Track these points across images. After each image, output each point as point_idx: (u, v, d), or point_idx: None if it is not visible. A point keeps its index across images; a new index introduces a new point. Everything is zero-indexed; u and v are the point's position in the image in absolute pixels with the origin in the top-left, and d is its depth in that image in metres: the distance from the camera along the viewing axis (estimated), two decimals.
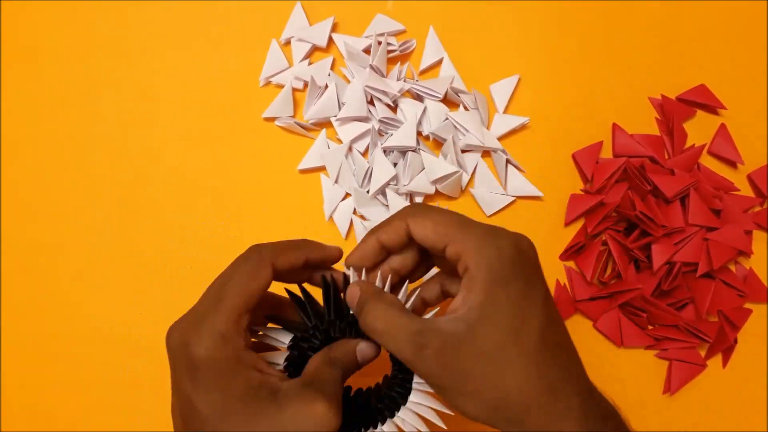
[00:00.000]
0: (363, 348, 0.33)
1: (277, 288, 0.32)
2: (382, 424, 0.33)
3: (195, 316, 0.29)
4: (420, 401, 0.32)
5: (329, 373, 0.30)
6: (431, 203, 0.47)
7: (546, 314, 0.29)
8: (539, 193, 0.47)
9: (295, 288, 0.33)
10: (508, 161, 0.47)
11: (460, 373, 0.28)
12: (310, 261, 0.32)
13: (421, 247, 0.32)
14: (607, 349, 0.46)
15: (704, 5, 0.50)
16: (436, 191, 0.47)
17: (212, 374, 0.28)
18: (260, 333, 0.32)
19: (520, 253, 0.29)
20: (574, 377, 0.29)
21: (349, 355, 0.32)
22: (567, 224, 0.47)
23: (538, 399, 0.28)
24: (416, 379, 0.32)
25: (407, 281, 0.33)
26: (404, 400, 0.32)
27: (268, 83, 0.49)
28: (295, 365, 0.33)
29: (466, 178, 0.47)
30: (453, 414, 0.31)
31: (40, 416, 0.46)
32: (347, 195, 0.47)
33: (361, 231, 0.46)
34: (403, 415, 0.32)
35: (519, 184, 0.47)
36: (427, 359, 0.28)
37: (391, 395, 0.33)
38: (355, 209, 0.47)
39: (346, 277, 0.33)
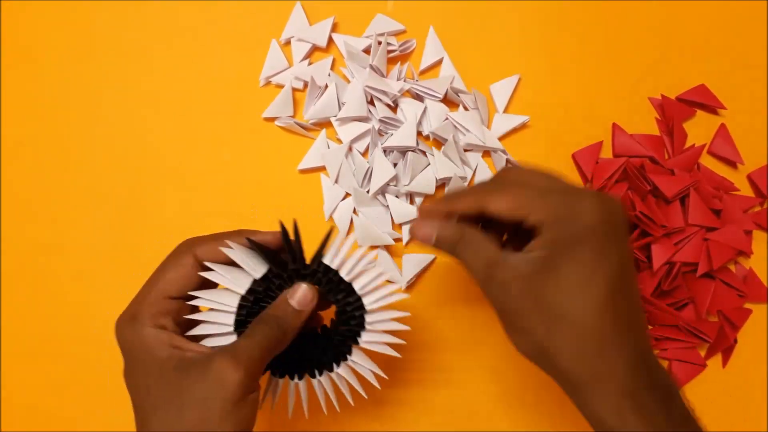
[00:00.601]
0: (297, 293, 0.33)
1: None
2: (337, 365, 0.35)
3: (126, 307, 0.32)
4: (371, 339, 0.34)
5: (250, 331, 0.31)
6: None
7: (617, 281, 0.30)
8: None
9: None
10: (508, 161, 0.47)
11: (518, 311, 0.30)
12: None
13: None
14: None
15: (704, 5, 0.50)
16: (437, 191, 0.47)
17: (129, 355, 0.31)
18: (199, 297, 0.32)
19: (602, 215, 0.30)
20: (630, 345, 0.30)
21: (282, 306, 0.33)
22: None
23: (581, 358, 0.29)
24: (368, 318, 0.34)
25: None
26: (353, 340, 0.34)
27: (268, 83, 0.49)
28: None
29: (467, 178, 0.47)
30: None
31: (40, 416, 0.46)
32: (347, 195, 0.47)
33: (360, 229, 0.46)
34: (355, 358, 0.34)
35: None
36: (493, 290, 0.31)
37: (343, 333, 0.34)
38: (355, 208, 0.47)
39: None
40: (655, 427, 0.28)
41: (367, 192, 0.46)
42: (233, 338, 0.33)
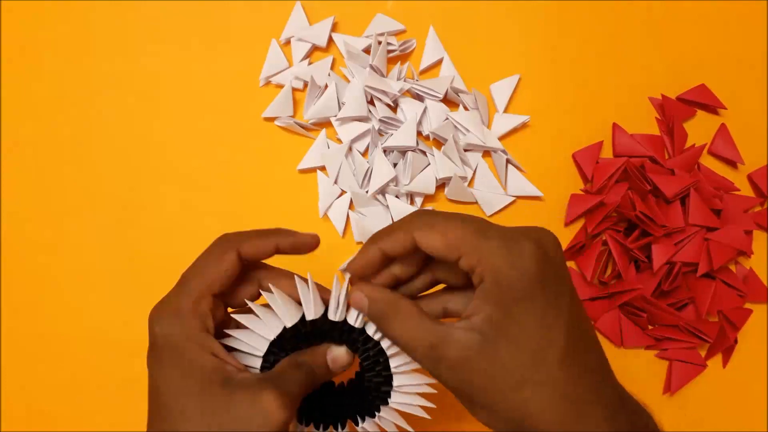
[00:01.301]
0: (336, 354, 0.32)
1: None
2: (362, 421, 0.33)
3: (164, 298, 0.30)
4: (402, 400, 0.32)
5: (291, 372, 0.30)
6: (432, 204, 0.47)
7: (572, 329, 0.27)
8: (539, 193, 0.47)
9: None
10: (508, 161, 0.47)
11: (477, 388, 0.27)
12: (280, 248, 0.32)
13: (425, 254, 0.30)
14: (608, 349, 0.46)
15: (704, 5, 0.50)
16: (437, 191, 0.47)
17: (168, 352, 0.29)
18: (229, 335, 0.31)
19: (544, 260, 0.27)
20: (603, 394, 0.28)
21: (318, 359, 0.32)
22: (567, 224, 0.47)
23: (562, 423, 0.27)
24: (393, 365, 0.32)
25: None
26: (383, 395, 0.33)
27: (268, 83, 0.49)
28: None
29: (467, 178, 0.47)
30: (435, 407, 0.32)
31: (40, 416, 0.46)
32: (343, 192, 0.47)
33: (357, 227, 0.46)
34: (384, 414, 0.33)
35: (519, 184, 0.47)
36: (443, 372, 0.28)
37: (371, 390, 0.33)
38: (351, 206, 0.47)
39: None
40: None
41: (366, 192, 0.46)
42: (258, 362, 0.31)
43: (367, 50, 0.48)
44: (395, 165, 0.46)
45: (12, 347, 0.47)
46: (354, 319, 0.31)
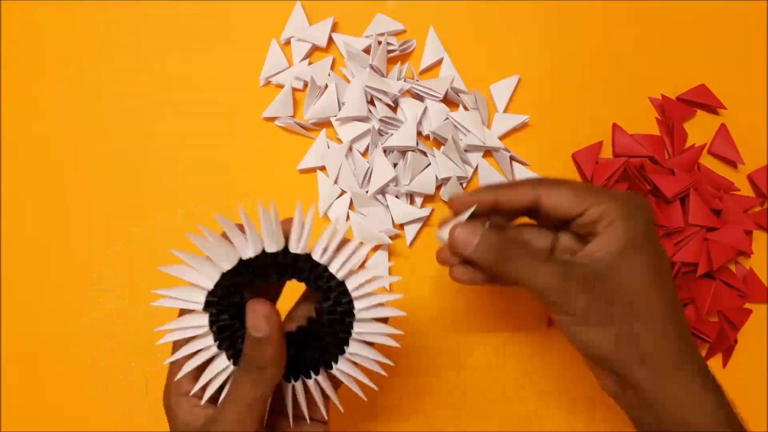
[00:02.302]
0: (249, 318, 0.29)
1: None
2: (329, 366, 0.32)
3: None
4: (366, 329, 0.31)
5: (232, 386, 0.30)
6: (432, 204, 0.47)
7: (671, 279, 0.32)
8: None
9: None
10: (512, 158, 0.47)
11: (600, 300, 0.31)
12: None
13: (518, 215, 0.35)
14: None
15: (704, 5, 0.50)
16: (437, 192, 0.47)
17: (170, 423, 0.31)
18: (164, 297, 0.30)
19: (652, 222, 0.33)
20: (694, 351, 0.32)
21: (247, 340, 0.30)
22: None
23: (669, 341, 0.31)
24: (355, 328, 0.31)
25: None
26: (344, 334, 0.32)
27: (268, 83, 0.49)
28: (226, 327, 0.30)
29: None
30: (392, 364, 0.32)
31: (40, 416, 0.46)
32: (343, 192, 0.47)
33: (358, 227, 0.46)
34: (353, 349, 0.32)
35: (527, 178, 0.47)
36: (570, 287, 0.31)
37: (331, 337, 0.32)
38: (351, 206, 0.47)
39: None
40: (723, 400, 0.32)
41: (366, 192, 0.46)
42: (215, 351, 0.30)
43: (367, 50, 0.48)
44: (395, 165, 0.46)
45: (12, 347, 0.47)
46: (319, 255, 0.31)
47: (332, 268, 0.31)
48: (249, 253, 0.30)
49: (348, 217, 0.46)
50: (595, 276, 0.31)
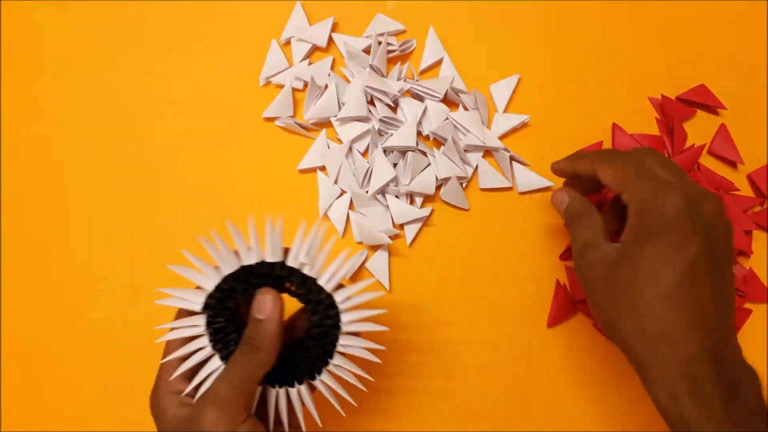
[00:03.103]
0: (255, 302, 0.32)
1: None
2: (312, 378, 0.34)
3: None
4: (350, 343, 0.33)
5: (230, 363, 0.32)
6: (431, 204, 0.47)
7: (686, 273, 0.31)
8: (549, 183, 0.47)
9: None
10: (512, 158, 0.47)
11: (593, 290, 0.34)
12: None
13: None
14: (608, 348, 0.46)
15: (704, 5, 0.50)
16: (437, 191, 0.47)
17: (157, 422, 0.32)
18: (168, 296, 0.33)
19: (687, 211, 0.32)
20: (693, 337, 0.31)
21: (251, 323, 0.32)
22: None
23: (648, 339, 0.31)
24: (341, 341, 0.33)
25: None
26: (329, 347, 0.33)
27: (268, 83, 0.49)
28: (221, 329, 0.33)
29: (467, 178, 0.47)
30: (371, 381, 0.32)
31: (40, 416, 0.46)
32: (343, 192, 0.47)
33: (357, 227, 0.46)
34: (336, 362, 0.34)
35: (527, 178, 0.47)
36: (581, 266, 0.35)
37: (315, 351, 0.33)
38: (351, 206, 0.47)
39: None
40: (709, 415, 0.29)
41: (366, 192, 0.46)
42: (211, 351, 0.33)
43: (367, 50, 0.48)
44: (395, 165, 0.46)
45: (12, 347, 0.47)
46: (310, 270, 0.33)
47: (321, 281, 0.33)
48: (250, 261, 0.33)
49: (348, 218, 0.47)
50: (605, 263, 0.33)
